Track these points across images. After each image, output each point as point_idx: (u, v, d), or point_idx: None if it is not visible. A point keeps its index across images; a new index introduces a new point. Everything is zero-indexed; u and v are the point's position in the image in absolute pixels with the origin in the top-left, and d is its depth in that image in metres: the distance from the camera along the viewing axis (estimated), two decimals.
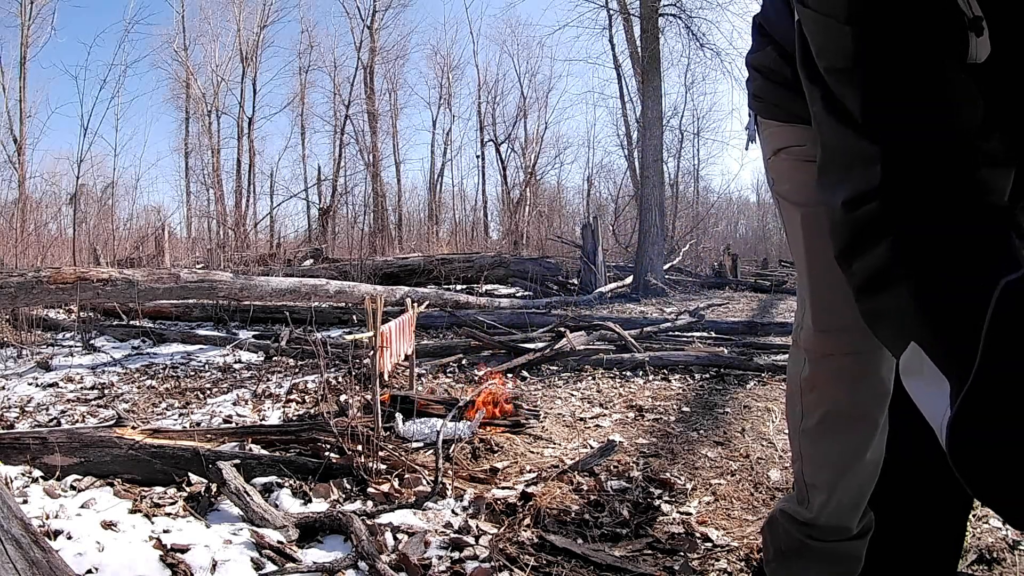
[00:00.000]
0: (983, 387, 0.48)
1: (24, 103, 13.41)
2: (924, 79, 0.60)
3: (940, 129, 0.59)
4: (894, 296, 0.57)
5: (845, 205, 0.62)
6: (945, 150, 0.58)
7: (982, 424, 0.48)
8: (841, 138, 0.65)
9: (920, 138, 0.59)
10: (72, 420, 2.58)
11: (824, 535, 1.09)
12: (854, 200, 0.61)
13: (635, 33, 11.41)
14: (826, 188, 0.66)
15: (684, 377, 3.30)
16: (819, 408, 1.05)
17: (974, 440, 0.48)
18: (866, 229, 0.60)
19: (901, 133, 0.59)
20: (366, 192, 18.62)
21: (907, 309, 0.56)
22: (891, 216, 0.58)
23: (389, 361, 2.24)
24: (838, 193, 0.63)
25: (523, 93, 19.79)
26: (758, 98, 1.09)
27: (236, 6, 17.72)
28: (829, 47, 0.65)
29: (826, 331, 1.02)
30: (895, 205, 0.58)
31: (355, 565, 1.32)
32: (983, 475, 0.48)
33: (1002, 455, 0.47)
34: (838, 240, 0.64)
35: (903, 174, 0.58)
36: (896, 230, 0.57)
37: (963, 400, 0.48)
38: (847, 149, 0.64)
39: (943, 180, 0.57)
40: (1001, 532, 1.48)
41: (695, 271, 11.79)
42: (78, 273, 4.01)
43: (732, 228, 21.40)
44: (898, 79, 0.60)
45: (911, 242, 0.57)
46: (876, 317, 0.61)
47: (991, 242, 0.55)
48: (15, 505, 0.95)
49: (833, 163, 0.66)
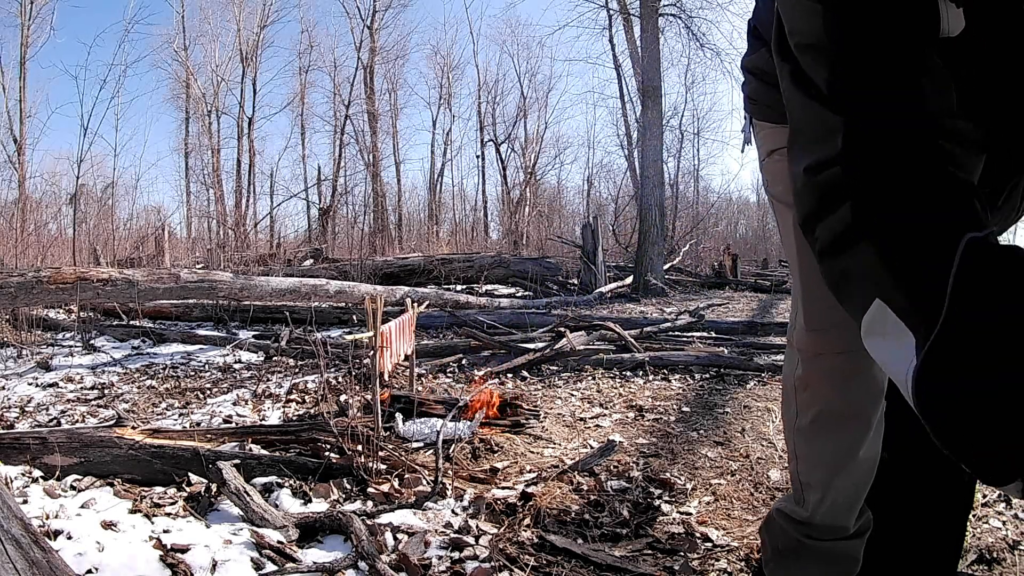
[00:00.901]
0: (949, 336, 0.48)
1: (24, 103, 13.43)
2: (892, 56, 0.60)
3: (905, 101, 0.59)
4: (858, 254, 0.58)
5: (806, 171, 0.63)
6: (909, 122, 0.58)
7: (948, 372, 0.49)
8: (807, 112, 0.65)
9: (884, 110, 0.59)
10: (72, 420, 2.58)
11: (821, 534, 1.09)
12: (815, 166, 0.62)
13: (635, 33, 11.43)
14: (791, 160, 0.67)
15: (684, 377, 3.30)
16: (812, 407, 1.06)
17: (940, 388, 0.49)
18: (828, 193, 0.61)
19: (865, 105, 0.60)
20: (366, 192, 18.64)
21: (871, 265, 0.56)
22: (852, 178, 0.59)
23: (389, 361, 2.24)
24: (800, 161, 0.64)
25: (523, 93, 19.83)
26: (752, 100, 1.09)
27: (236, 6, 17.74)
28: (800, 25, 0.66)
29: (818, 330, 1.03)
30: (856, 169, 0.59)
31: (355, 565, 1.32)
32: (949, 424, 0.49)
33: (968, 402, 0.48)
34: (801, 207, 0.65)
35: (865, 141, 0.59)
36: (859, 190, 0.58)
37: (929, 349, 0.49)
38: (812, 122, 0.65)
39: (906, 148, 0.57)
40: (1001, 532, 1.48)
41: (695, 271, 11.79)
42: (78, 273, 4.01)
43: (732, 228, 21.40)
44: (865, 54, 0.61)
45: (875, 200, 0.57)
46: (839, 279, 0.62)
47: (954, 203, 0.55)
48: (15, 505, 0.95)
49: (799, 135, 0.67)
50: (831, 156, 0.60)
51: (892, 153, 0.58)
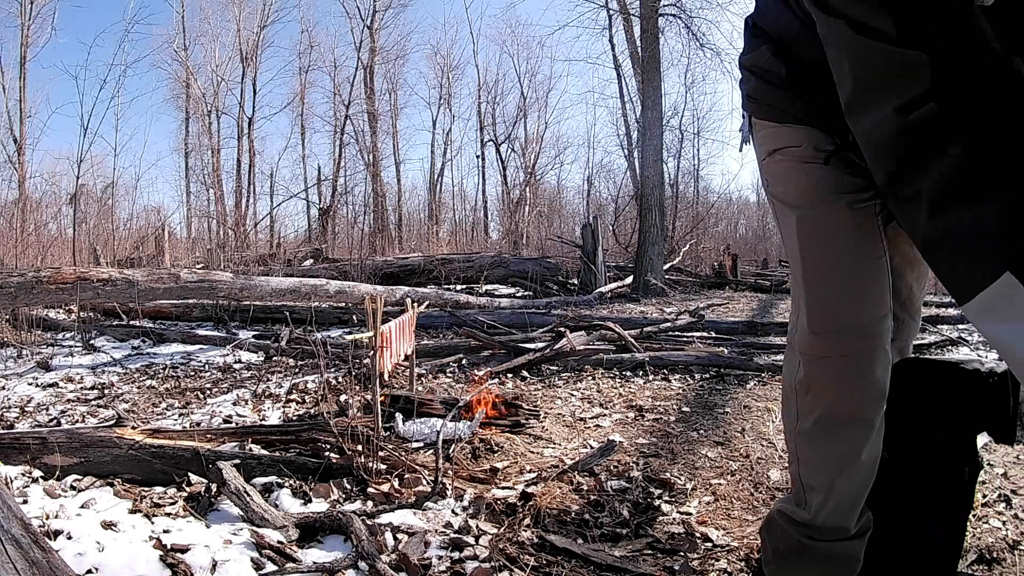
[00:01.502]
0: None
1: (24, 103, 13.43)
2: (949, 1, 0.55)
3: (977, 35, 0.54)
4: (980, 212, 0.47)
5: (898, 111, 0.54)
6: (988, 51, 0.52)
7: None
8: (873, 56, 0.59)
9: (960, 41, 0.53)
10: (72, 420, 2.58)
11: (822, 535, 1.09)
12: (907, 106, 0.53)
13: (635, 33, 11.42)
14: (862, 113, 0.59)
15: (684, 377, 3.30)
16: (814, 410, 1.05)
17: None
18: (926, 135, 0.52)
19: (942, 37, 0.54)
20: (366, 192, 18.64)
21: (998, 227, 0.46)
22: (956, 115, 0.50)
23: (389, 361, 2.24)
24: (882, 105, 0.56)
25: (523, 93, 19.84)
26: (752, 99, 1.09)
27: (236, 6, 17.75)
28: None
29: (821, 333, 1.02)
30: (956, 103, 0.50)
31: (355, 565, 1.32)
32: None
33: None
34: (890, 158, 0.56)
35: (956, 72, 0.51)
36: (969, 130, 0.49)
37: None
38: (881, 65, 0.58)
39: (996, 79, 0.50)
40: (1001, 532, 1.48)
41: (695, 271, 11.77)
42: (78, 273, 4.01)
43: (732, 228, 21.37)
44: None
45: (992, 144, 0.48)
46: (949, 243, 0.51)
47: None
48: (15, 505, 0.95)
49: (865, 86, 0.60)
50: (922, 92, 0.53)
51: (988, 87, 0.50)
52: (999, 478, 1.81)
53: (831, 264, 1.02)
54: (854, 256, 1.00)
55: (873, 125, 0.58)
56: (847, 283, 1.01)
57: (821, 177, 1.00)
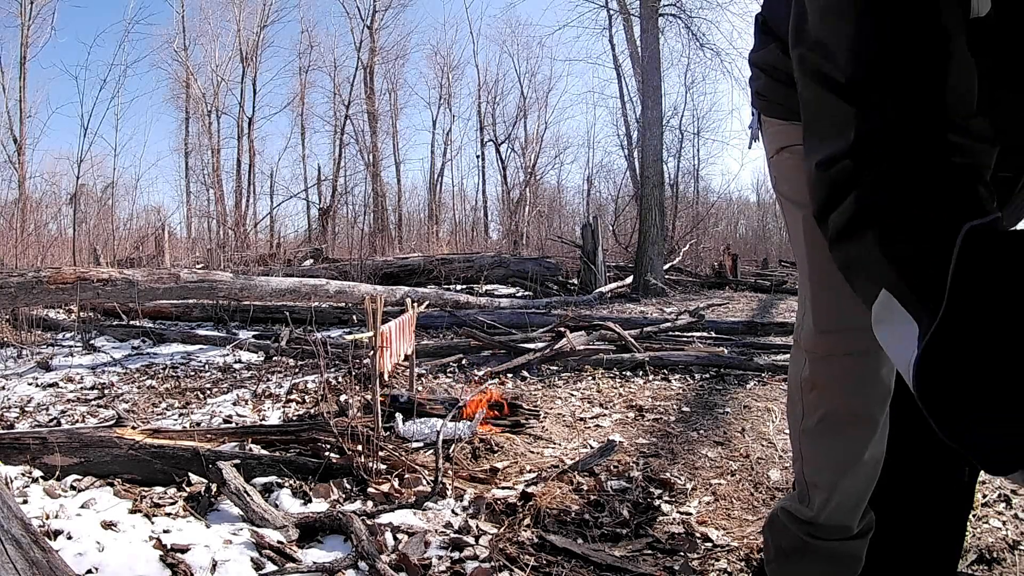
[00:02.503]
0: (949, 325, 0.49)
1: (24, 103, 13.42)
2: (916, 40, 0.59)
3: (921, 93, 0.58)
4: (863, 244, 0.59)
5: (819, 165, 0.63)
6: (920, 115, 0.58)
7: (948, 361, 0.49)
8: (823, 103, 0.65)
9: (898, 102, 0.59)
10: (72, 420, 2.58)
11: (825, 534, 1.09)
12: (827, 160, 0.62)
13: (635, 33, 11.43)
14: (807, 152, 0.67)
15: (684, 377, 3.30)
16: (819, 408, 1.05)
17: (940, 376, 0.49)
18: (838, 185, 0.61)
19: (880, 96, 0.59)
20: (366, 192, 18.63)
21: (875, 255, 0.57)
22: (860, 170, 0.59)
23: (389, 361, 2.24)
24: (814, 155, 0.65)
25: (523, 93, 19.81)
26: (761, 96, 1.09)
27: (236, 6, 17.73)
28: (827, 6, 0.65)
29: (827, 331, 1.02)
30: (862, 160, 0.59)
31: (355, 565, 1.32)
32: (949, 413, 0.49)
33: (967, 391, 0.48)
34: (815, 198, 0.65)
35: (873, 135, 0.59)
36: (863, 182, 0.59)
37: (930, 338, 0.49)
38: (827, 114, 0.65)
39: (912, 142, 0.58)
40: (1001, 532, 1.48)
41: (695, 271, 11.78)
42: (78, 273, 4.01)
43: (732, 228, 21.36)
44: (888, 40, 0.59)
45: (877, 192, 0.58)
46: (849, 267, 0.63)
47: (957, 193, 0.55)
48: (15, 505, 0.95)
49: (814, 125, 0.67)
50: (843, 149, 0.60)
51: (898, 146, 0.58)
52: (999, 478, 1.82)
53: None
54: None
55: (806, 167, 0.67)
56: None
57: None
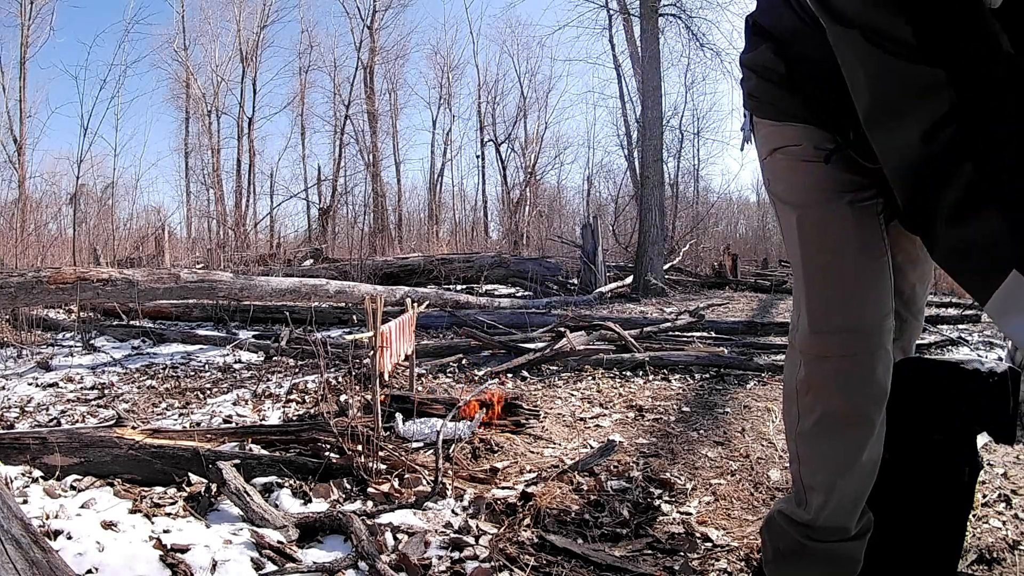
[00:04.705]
0: None
1: (24, 103, 13.42)
2: (965, 6, 0.57)
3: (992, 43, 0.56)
4: (984, 221, 0.52)
5: (924, 138, 0.57)
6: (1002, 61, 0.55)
7: None
8: (891, 72, 0.61)
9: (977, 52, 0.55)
10: (72, 420, 2.58)
11: (822, 536, 1.09)
12: (931, 130, 0.56)
13: (635, 33, 11.44)
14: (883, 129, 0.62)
15: (684, 377, 3.30)
16: (815, 410, 1.05)
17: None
18: (947, 154, 0.55)
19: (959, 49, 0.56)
20: (366, 192, 18.63)
21: (1002, 231, 0.51)
22: (972, 135, 0.54)
23: (389, 361, 2.24)
24: (910, 128, 0.59)
25: (523, 93, 19.81)
26: (753, 97, 1.09)
27: (236, 6, 17.73)
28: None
29: (822, 332, 1.02)
30: (973, 123, 0.54)
31: (355, 565, 1.32)
32: None
33: None
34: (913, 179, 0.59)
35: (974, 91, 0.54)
36: (980, 149, 0.53)
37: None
38: (900, 84, 0.60)
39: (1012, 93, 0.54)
40: (1001, 532, 1.48)
41: (695, 271, 11.77)
42: (78, 273, 4.01)
43: (732, 228, 21.34)
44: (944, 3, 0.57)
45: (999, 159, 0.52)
46: (965, 253, 0.56)
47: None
48: (15, 505, 0.95)
49: (884, 104, 0.62)
50: (943, 114, 0.56)
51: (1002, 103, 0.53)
52: (999, 478, 1.81)
53: (832, 264, 1.01)
54: (855, 256, 1.00)
55: (897, 148, 0.61)
56: (848, 283, 1.01)
57: (822, 176, 1.00)
